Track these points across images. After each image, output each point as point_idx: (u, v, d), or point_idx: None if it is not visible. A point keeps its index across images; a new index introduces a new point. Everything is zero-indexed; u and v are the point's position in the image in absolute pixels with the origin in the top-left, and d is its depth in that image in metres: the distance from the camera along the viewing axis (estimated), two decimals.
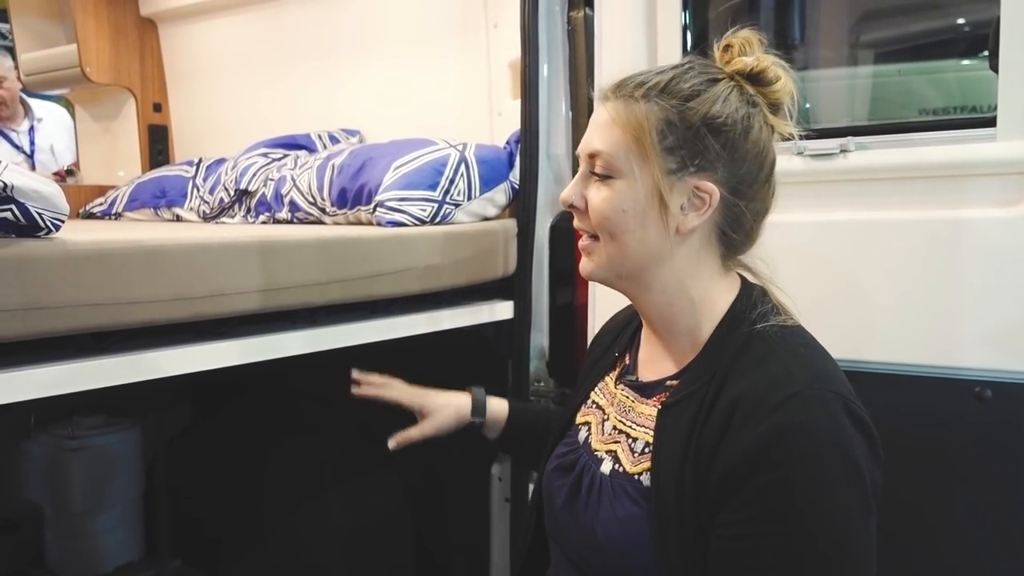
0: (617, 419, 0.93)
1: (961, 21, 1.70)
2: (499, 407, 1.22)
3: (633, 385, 0.94)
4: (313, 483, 1.87)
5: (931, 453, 1.20)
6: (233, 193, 1.94)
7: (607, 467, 0.90)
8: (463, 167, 1.61)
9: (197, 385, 2.10)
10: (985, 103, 1.53)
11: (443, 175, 1.59)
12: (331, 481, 1.90)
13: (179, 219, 2.13)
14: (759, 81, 0.86)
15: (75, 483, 2.03)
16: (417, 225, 1.53)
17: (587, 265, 0.92)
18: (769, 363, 0.80)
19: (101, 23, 2.49)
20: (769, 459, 0.74)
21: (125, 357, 1.02)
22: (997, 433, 1.19)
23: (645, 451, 0.86)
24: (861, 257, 1.30)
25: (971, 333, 1.21)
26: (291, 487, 1.86)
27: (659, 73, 0.87)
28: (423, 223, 1.54)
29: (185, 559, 2.20)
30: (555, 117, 1.67)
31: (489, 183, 1.65)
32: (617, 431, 0.92)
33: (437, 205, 1.56)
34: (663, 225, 0.84)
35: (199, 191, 2.09)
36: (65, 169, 2.95)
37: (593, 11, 1.58)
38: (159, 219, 2.18)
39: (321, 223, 1.73)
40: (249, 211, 1.92)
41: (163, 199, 2.17)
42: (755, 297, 0.88)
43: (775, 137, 0.88)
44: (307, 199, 1.75)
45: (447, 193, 1.58)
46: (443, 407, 1.18)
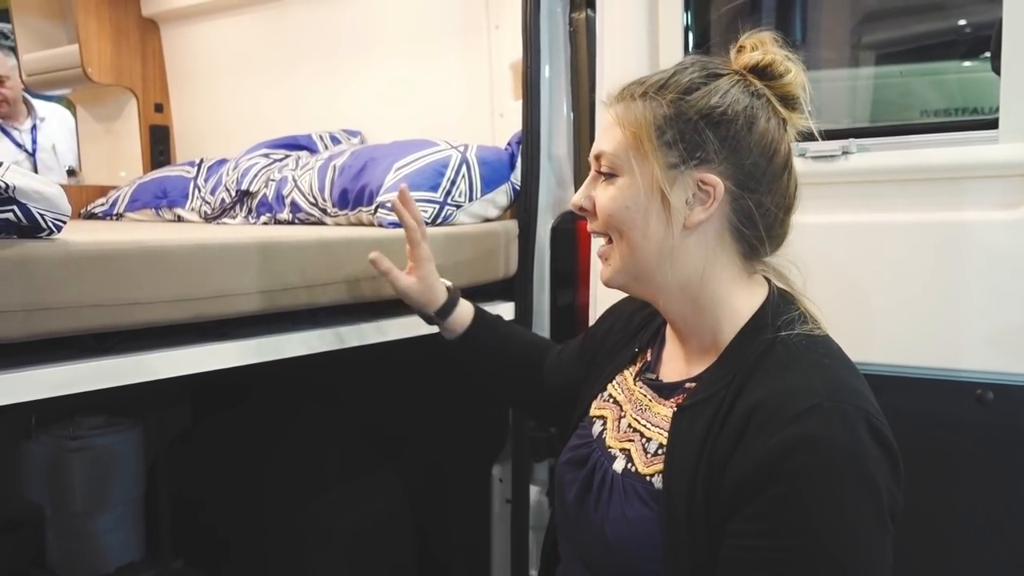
0: (633, 417, 0.93)
1: (963, 23, 1.70)
2: (463, 314, 1.24)
3: (652, 384, 0.94)
4: (315, 483, 1.87)
5: (932, 455, 1.19)
6: (234, 194, 1.94)
7: (619, 465, 0.89)
8: (464, 168, 1.61)
9: (197, 385, 2.10)
10: (986, 104, 1.53)
11: (444, 176, 1.59)
12: (332, 481, 1.90)
13: (180, 220, 2.13)
14: (767, 75, 0.85)
15: (76, 483, 2.03)
16: None
17: (605, 272, 0.92)
18: (790, 372, 0.79)
19: (103, 23, 2.49)
20: (784, 471, 0.72)
21: (127, 358, 1.02)
22: (998, 435, 1.19)
23: (659, 452, 0.86)
24: (862, 259, 1.30)
25: (972, 335, 1.21)
26: (292, 487, 1.86)
27: (661, 73, 0.88)
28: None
29: (186, 559, 2.20)
30: (556, 118, 1.67)
31: (490, 184, 1.65)
32: (632, 429, 0.92)
33: (438, 206, 1.56)
34: (667, 220, 0.84)
35: (200, 192, 2.09)
36: (66, 170, 2.95)
37: (595, 12, 1.58)
38: (160, 220, 2.18)
39: (322, 224, 1.73)
40: (250, 212, 1.91)
41: (164, 200, 2.17)
42: (782, 304, 0.86)
43: (790, 131, 0.86)
44: (308, 200, 1.75)
45: (448, 194, 1.58)
46: (427, 284, 1.21)
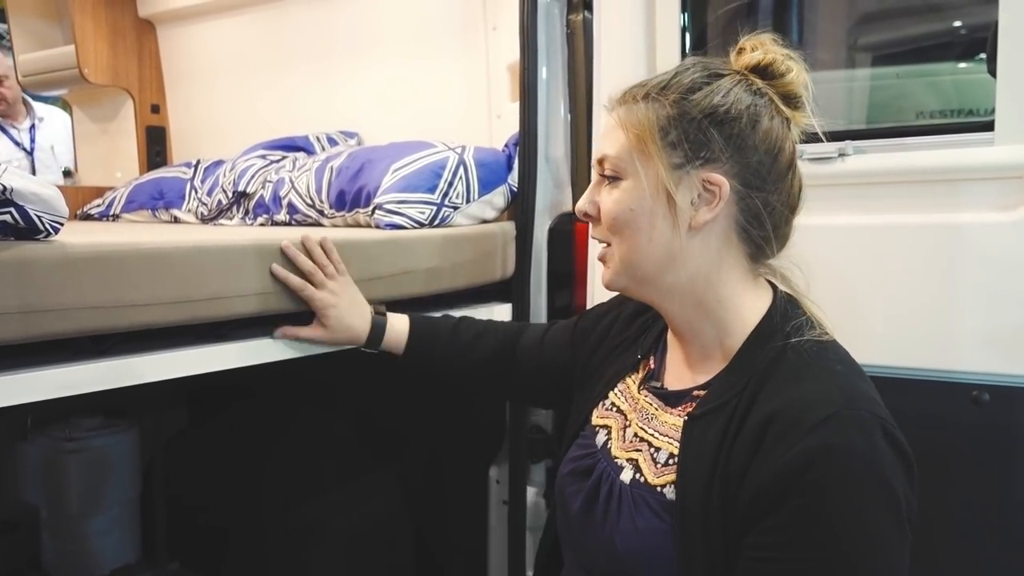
0: (639, 426, 0.91)
1: (959, 25, 1.70)
2: (398, 329, 1.23)
3: (657, 392, 0.92)
4: (312, 484, 1.87)
5: (928, 456, 1.18)
6: (231, 195, 1.94)
7: (627, 476, 0.88)
8: (462, 170, 1.61)
9: (193, 387, 2.10)
10: (982, 107, 1.53)
11: (442, 178, 1.58)
12: (330, 483, 1.90)
13: (177, 221, 2.13)
14: (768, 74, 0.85)
15: (72, 485, 2.02)
16: (416, 228, 1.52)
17: (606, 274, 0.91)
18: (804, 380, 0.78)
19: (99, 24, 2.48)
20: (805, 481, 0.72)
21: (124, 360, 1.02)
22: (994, 436, 1.19)
23: (669, 462, 0.84)
24: (858, 261, 1.30)
25: (969, 336, 1.21)
26: (289, 488, 1.86)
27: (662, 75, 0.87)
28: (422, 226, 1.53)
29: (182, 561, 2.20)
30: (554, 120, 1.67)
31: (488, 186, 1.65)
32: (639, 439, 0.90)
33: (436, 208, 1.56)
34: (673, 221, 0.83)
35: (197, 193, 2.09)
36: (63, 171, 2.95)
37: (592, 14, 1.58)
38: (157, 221, 2.18)
39: (319, 225, 1.72)
40: (247, 213, 1.91)
41: (161, 201, 2.17)
42: (789, 307, 0.86)
43: (794, 130, 0.86)
44: (305, 201, 1.75)
45: (446, 196, 1.58)
46: (340, 329, 1.18)
